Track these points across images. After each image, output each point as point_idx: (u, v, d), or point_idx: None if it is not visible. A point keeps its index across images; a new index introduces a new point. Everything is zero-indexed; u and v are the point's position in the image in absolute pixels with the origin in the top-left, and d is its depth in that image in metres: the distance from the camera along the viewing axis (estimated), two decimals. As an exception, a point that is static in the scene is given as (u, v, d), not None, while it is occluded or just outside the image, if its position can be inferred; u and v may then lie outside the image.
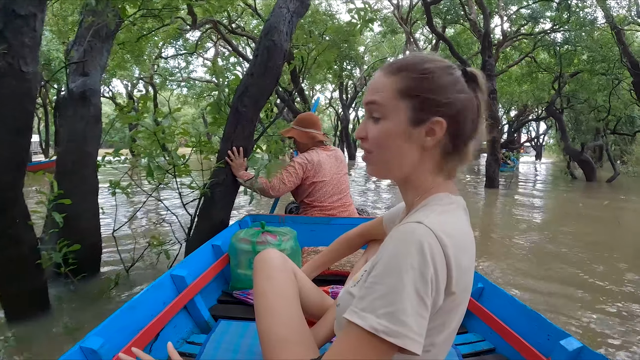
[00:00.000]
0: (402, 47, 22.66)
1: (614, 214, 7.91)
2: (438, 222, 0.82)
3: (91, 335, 1.34)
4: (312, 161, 3.14)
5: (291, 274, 1.42)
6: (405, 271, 0.75)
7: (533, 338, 1.55)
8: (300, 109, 17.47)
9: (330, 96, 37.05)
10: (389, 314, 0.73)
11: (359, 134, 0.97)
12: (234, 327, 1.82)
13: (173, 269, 1.96)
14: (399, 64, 0.95)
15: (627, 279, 3.97)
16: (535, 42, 16.94)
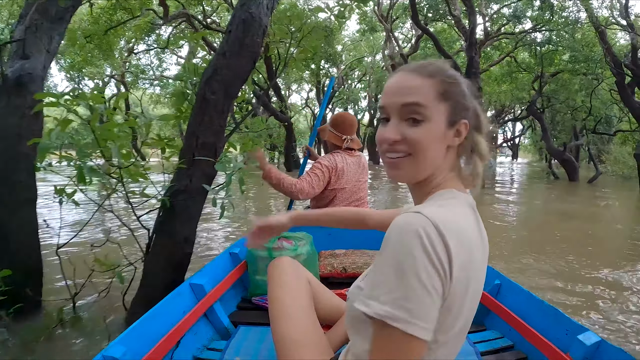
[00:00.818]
0: (381, 45, 22.20)
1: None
2: (436, 212, 0.82)
3: (114, 344, 1.36)
4: (337, 167, 2.99)
5: (305, 280, 1.47)
6: (405, 259, 0.75)
7: (551, 333, 1.56)
8: (277, 107, 16.79)
9: (307, 96, 36.67)
10: (391, 301, 0.75)
11: (393, 137, 0.92)
12: (253, 332, 1.89)
13: (191, 277, 2.00)
14: (430, 67, 0.95)
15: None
16: (516, 42, 16.77)
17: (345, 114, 3.22)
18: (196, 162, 2.36)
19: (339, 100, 31.47)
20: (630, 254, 4.95)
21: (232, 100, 2.51)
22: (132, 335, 1.46)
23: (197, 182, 2.40)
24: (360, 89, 32.99)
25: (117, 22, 14.60)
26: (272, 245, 2.29)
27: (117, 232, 5.21)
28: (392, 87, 0.95)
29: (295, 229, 2.64)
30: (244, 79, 2.52)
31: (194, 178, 2.40)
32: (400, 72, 0.97)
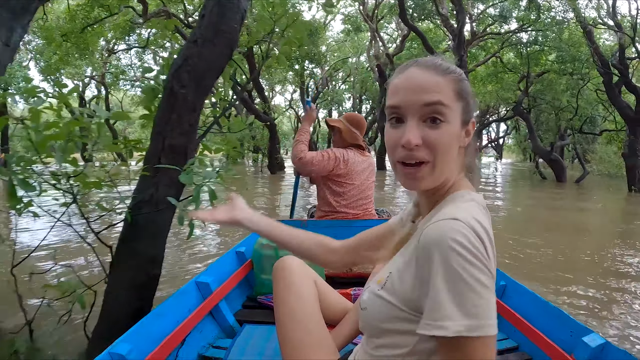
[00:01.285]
0: (366, 46, 21.93)
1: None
2: (469, 215, 0.80)
3: (119, 342, 1.37)
4: (347, 160, 3.01)
5: (311, 280, 1.44)
6: (462, 268, 0.73)
7: (556, 335, 1.56)
8: (260, 109, 16.36)
9: (291, 97, 36.34)
10: (465, 314, 0.72)
11: (416, 141, 0.85)
12: (258, 331, 1.90)
13: (198, 276, 1.98)
14: (443, 65, 0.90)
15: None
16: (503, 42, 16.67)
17: (360, 115, 3.30)
18: (163, 168, 1.98)
19: (323, 102, 31.14)
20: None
21: (205, 96, 2.14)
22: (138, 333, 1.47)
23: (164, 191, 2.01)
24: (345, 90, 32.74)
25: (95, 19, 14.09)
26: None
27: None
28: (409, 84, 0.88)
29: (301, 228, 2.53)
30: (219, 70, 2.15)
31: (160, 187, 2.02)
32: (412, 67, 0.90)
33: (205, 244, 5.14)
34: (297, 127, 37.54)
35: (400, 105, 0.88)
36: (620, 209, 9.13)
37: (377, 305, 0.93)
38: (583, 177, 16.29)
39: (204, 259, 4.44)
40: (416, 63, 0.92)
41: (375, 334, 0.97)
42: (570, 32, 15.74)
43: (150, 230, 2.07)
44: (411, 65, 0.91)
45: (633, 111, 13.38)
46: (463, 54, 10.79)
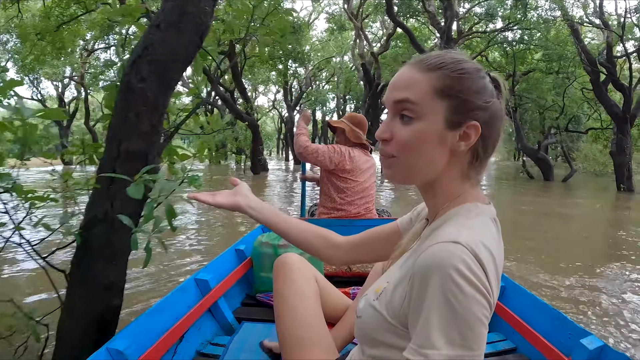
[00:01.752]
0: (350, 45, 21.64)
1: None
2: (472, 238, 0.76)
3: (117, 338, 1.39)
4: (353, 157, 3.07)
5: (311, 276, 1.43)
6: (455, 298, 0.70)
7: (554, 337, 1.56)
8: (242, 110, 15.96)
9: (274, 98, 36.03)
10: (449, 343, 0.70)
11: (382, 135, 0.87)
12: (257, 328, 1.93)
13: (197, 273, 2.01)
14: (434, 60, 0.86)
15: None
16: (489, 41, 16.54)
17: (361, 115, 3.33)
18: (120, 179, 1.61)
19: (307, 102, 30.81)
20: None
21: (169, 91, 1.78)
22: (136, 329, 1.47)
23: (122, 207, 1.65)
24: (328, 90, 32.48)
25: (71, 17, 13.58)
26: (278, 243, 2.31)
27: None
28: (393, 81, 0.89)
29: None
30: (186, 61, 1.79)
31: (116, 202, 1.66)
32: (406, 64, 0.89)
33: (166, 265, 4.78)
34: (280, 128, 37.44)
35: (384, 101, 0.90)
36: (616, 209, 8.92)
37: (370, 316, 0.92)
38: (570, 176, 16.35)
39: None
40: (412, 59, 0.90)
41: (368, 343, 0.95)
42: (557, 31, 15.68)
43: (106, 253, 1.71)
44: (406, 63, 0.90)
45: (620, 109, 13.34)
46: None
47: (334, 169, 3.05)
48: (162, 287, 3.68)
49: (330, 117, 36.75)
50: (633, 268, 4.48)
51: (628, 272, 4.37)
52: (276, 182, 13.86)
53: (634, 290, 3.81)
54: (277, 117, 38.73)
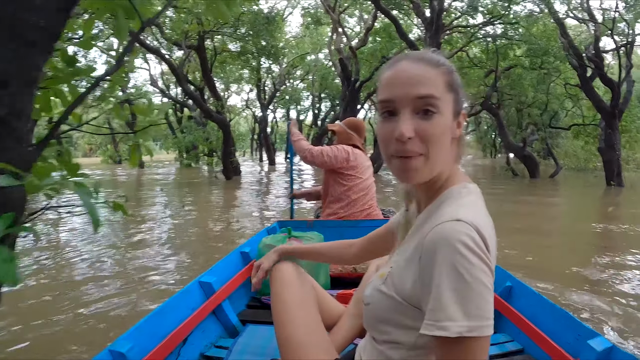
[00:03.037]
0: (327, 42, 20.76)
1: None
2: (472, 216, 0.82)
3: (120, 339, 1.40)
4: (356, 155, 3.15)
5: (308, 283, 1.45)
6: (466, 270, 0.75)
7: (562, 338, 1.55)
8: (213, 108, 14.86)
9: (247, 97, 35.06)
10: (466, 314, 0.75)
11: (409, 133, 0.85)
12: (261, 331, 1.93)
13: (201, 276, 2.02)
14: (434, 57, 0.92)
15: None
16: (471, 35, 15.94)
17: (359, 119, 3.49)
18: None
19: (281, 100, 29.87)
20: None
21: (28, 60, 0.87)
22: (140, 331, 1.48)
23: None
24: (303, 88, 31.66)
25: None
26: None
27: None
28: (401, 77, 0.89)
29: (306, 229, 2.92)
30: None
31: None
32: (404, 61, 0.92)
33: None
34: (254, 128, 36.44)
35: (392, 99, 0.89)
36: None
37: (380, 300, 0.94)
38: (557, 173, 16.08)
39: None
40: (407, 56, 0.93)
41: (378, 328, 0.97)
42: (544, 25, 15.28)
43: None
44: (402, 59, 0.92)
45: (609, 105, 12.87)
46: (440, 43, 9.77)
47: (340, 167, 3.09)
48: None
49: (305, 116, 36.09)
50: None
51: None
52: (252, 190, 12.70)
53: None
54: (250, 117, 37.68)
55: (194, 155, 20.33)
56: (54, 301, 3.34)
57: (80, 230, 6.17)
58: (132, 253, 4.85)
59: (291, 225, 2.91)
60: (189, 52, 14.01)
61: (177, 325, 1.66)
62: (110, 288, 3.66)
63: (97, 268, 4.29)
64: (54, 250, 4.99)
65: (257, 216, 7.49)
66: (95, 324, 2.97)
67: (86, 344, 2.68)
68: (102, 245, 5.24)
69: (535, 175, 15.73)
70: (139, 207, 8.55)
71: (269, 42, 14.31)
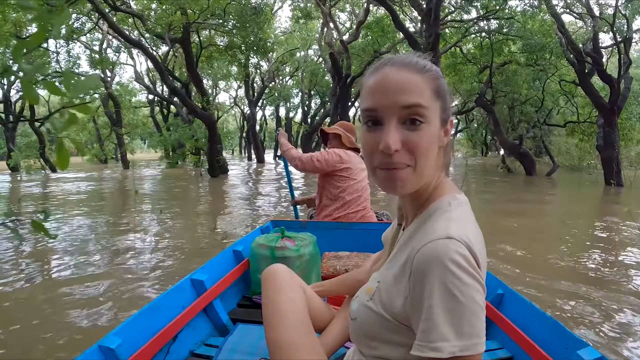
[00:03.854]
0: (317, 37, 20.21)
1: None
2: (463, 232, 0.81)
3: (110, 335, 1.40)
4: (350, 158, 3.16)
5: (298, 286, 1.44)
6: (458, 289, 0.74)
7: (551, 347, 1.54)
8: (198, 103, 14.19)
9: (235, 94, 34.47)
10: (459, 334, 0.74)
11: (395, 146, 0.82)
12: (251, 330, 1.87)
13: (193, 273, 2.02)
14: (420, 62, 0.88)
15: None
16: (465, 30, 15.56)
17: (350, 123, 3.46)
18: None
19: (270, 97, 29.25)
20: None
21: None
22: (130, 327, 1.49)
23: None
24: (292, 85, 31.12)
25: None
26: (275, 245, 2.32)
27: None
28: (386, 85, 0.85)
29: (300, 229, 2.90)
30: None
31: None
32: (387, 67, 0.88)
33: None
34: (243, 126, 35.87)
35: (376, 108, 0.86)
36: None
37: (367, 316, 0.94)
38: (553, 171, 15.71)
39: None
40: (390, 62, 0.89)
41: (366, 344, 0.97)
42: (542, 20, 14.99)
43: None
44: (386, 65, 0.89)
45: (608, 102, 12.50)
46: (439, 33, 9.30)
47: (333, 170, 3.11)
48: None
49: (295, 113, 35.57)
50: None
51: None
52: (237, 190, 11.96)
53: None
54: (239, 115, 37.08)
55: (180, 154, 19.56)
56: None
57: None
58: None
59: (284, 225, 2.88)
60: (172, 45, 13.36)
61: (168, 322, 1.66)
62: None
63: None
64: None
65: (239, 221, 6.88)
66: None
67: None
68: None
69: (532, 173, 15.36)
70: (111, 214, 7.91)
71: (257, 35, 13.65)
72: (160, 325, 1.62)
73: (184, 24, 11.75)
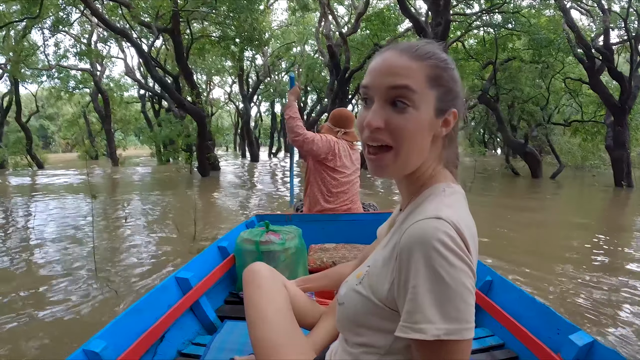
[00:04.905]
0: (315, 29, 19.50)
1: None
2: (452, 213, 0.80)
3: (95, 338, 1.36)
4: (341, 148, 3.09)
5: (280, 283, 1.44)
6: (445, 270, 0.73)
7: (543, 333, 1.55)
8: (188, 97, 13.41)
9: (230, 90, 33.80)
10: (444, 316, 0.72)
11: (376, 124, 0.85)
12: (239, 327, 1.84)
13: (178, 271, 1.98)
14: (422, 49, 0.88)
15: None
16: (469, 24, 14.93)
17: (342, 109, 3.32)
18: None
19: (265, 93, 28.53)
20: None
21: None
22: (114, 329, 1.45)
23: None
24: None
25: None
26: (260, 239, 2.28)
27: None
28: (379, 66, 0.88)
29: (285, 222, 2.85)
30: None
31: None
32: (388, 50, 0.89)
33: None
34: (237, 122, 35.09)
35: (368, 86, 0.88)
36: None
37: (354, 301, 0.92)
38: (559, 172, 14.98)
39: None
40: (395, 46, 0.89)
41: (352, 330, 0.95)
42: (546, 17, 14.56)
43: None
44: (390, 48, 0.89)
45: (618, 100, 11.93)
46: (450, 20, 8.69)
47: (324, 157, 3.04)
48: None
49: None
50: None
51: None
52: (228, 191, 10.79)
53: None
54: (234, 111, 36.39)
55: (171, 151, 18.65)
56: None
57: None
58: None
59: (269, 219, 2.86)
60: (159, 35, 12.57)
61: (154, 323, 1.60)
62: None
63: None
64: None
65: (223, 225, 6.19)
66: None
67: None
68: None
69: (538, 174, 14.69)
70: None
71: (251, 24, 12.85)
72: (146, 326, 1.57)
73: (173, 10, 10.99)
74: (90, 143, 30.65)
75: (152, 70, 11.65)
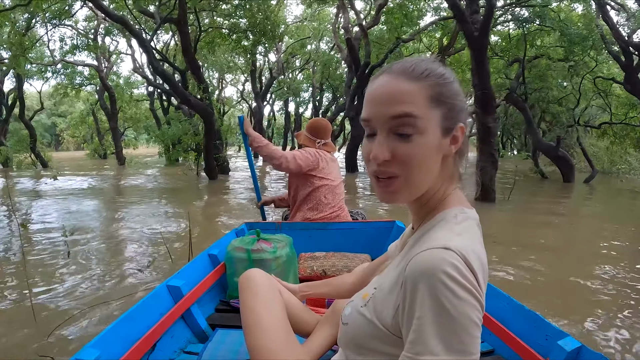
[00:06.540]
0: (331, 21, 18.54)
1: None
2: (462, 244, 0.77)
3: (87, 348, 1.34)
4: (325, 159, 3.13)
5: (276, 290, 1.43)
6: (451, 303, 0.70)
7: (531, 339, 1.55)
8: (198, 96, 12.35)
9: (242, 88, 33.05)
10: (448, 348, 0.70)
11: (383, 157, 0.82)
12: (231, 335, 1.85)
13: (169, 279, 1.97)
14: (418, 67, 0.85)
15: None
16: (497, 18, 13.99)
17: (320, 119, 3.31)
18: None
19: (279, 91, 27.60)
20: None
21: None
22: (106, 339, 1.45)
23: None
24: (303, 79, 29.52)
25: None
26: (251, 248, 2.29)
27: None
28: (377, 94, 0.85)
29: (275, 231, 2.87)
30: None
31: None
32: (382, 75, 0.87)
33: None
34: (250, 121, 34.41)
35: (369, 119, 0.86)
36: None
37: (359, 322, 0.91)
38: (592, 177, 13.94)
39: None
40: (389, 69, 0.87)
41: (354, 350, 0.94)
42: (585, 10, 13.70)
43: None
44: (383, 73, 0.88)
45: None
46: (477, 9, 7.72)
47: (308, 170, 3.04)
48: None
49: (305, 108, 34.11)
50: None
51: None
52: (233, 201, 9.27)
53: None
54: (246, 110, 35.64)
55: (180, 150, 17.64)
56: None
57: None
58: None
59: (259, 227, 2.89)
60: (162, 24, 11.58)
61: (145, 332, 1.59)
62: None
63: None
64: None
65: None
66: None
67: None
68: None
69: (571, 179, 13.62)
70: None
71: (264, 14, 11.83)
72: (138, 335, 1.55)
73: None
74: (99, 141, 30.02)
75: (154, 61, 10.70)
